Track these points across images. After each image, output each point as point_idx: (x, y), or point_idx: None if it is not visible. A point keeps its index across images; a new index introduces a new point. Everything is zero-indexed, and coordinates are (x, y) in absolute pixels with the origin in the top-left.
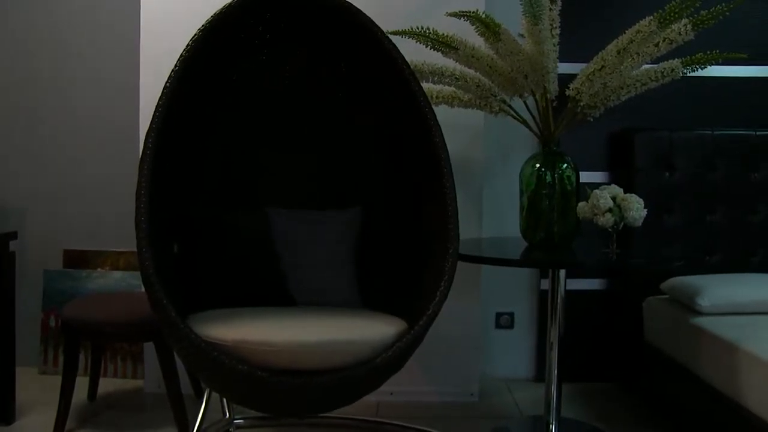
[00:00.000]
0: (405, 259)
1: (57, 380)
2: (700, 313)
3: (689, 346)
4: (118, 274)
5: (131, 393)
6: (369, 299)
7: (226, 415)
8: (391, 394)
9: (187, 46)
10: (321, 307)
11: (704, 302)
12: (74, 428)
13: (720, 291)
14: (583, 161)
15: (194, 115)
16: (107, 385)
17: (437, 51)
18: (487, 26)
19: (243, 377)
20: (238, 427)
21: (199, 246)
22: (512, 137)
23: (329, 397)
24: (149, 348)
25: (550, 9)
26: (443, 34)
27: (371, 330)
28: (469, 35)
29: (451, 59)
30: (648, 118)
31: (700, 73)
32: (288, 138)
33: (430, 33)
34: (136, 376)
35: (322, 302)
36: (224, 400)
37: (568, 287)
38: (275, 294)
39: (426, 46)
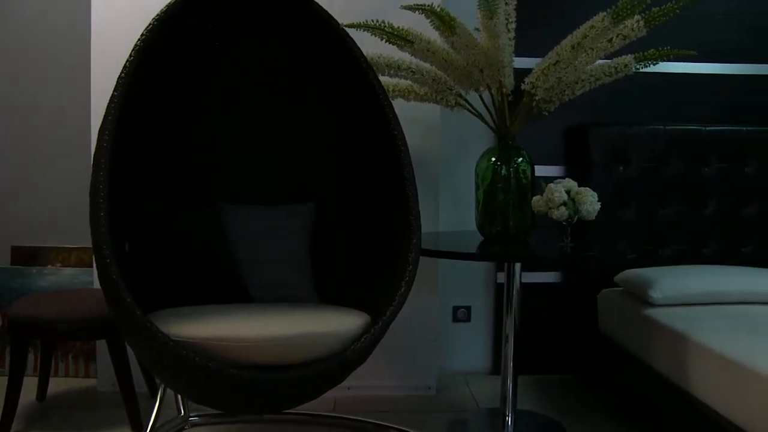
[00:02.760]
0: (364, 253)
1: (3, 381)
2: (652, 305)
3: (642, 337)
4: (69, 270)
5: (83, 392)
6: (326, 294)
7: (181, 412)
8: (349, 388)
9: (141, 36)
10: (279, 302)
11: (656, 294)
12: (21, 430)
13: (672, 283)
14: (539, 155)
15: (147, 108)
16: (58, 384)
17: (393, 44)
18: (442, 20)
19: (212, 375)
20: (193, 424)
21: (152, 244)
22: (469, 131)
23: (299, 392)
24: (102, 346)
25: (506, 3)
26: (399, 28)
27: (338, 322)
28: (426, 29)
29: (407, 53)
30: (603, 113)
31: (654, 69)
32: (243, 132)
33: (385, 26)
34: (89, 374)
35: (279, 298)
36: (179, 397)
37: (524, 280)
38: (231, 291)
39: (381, 40)
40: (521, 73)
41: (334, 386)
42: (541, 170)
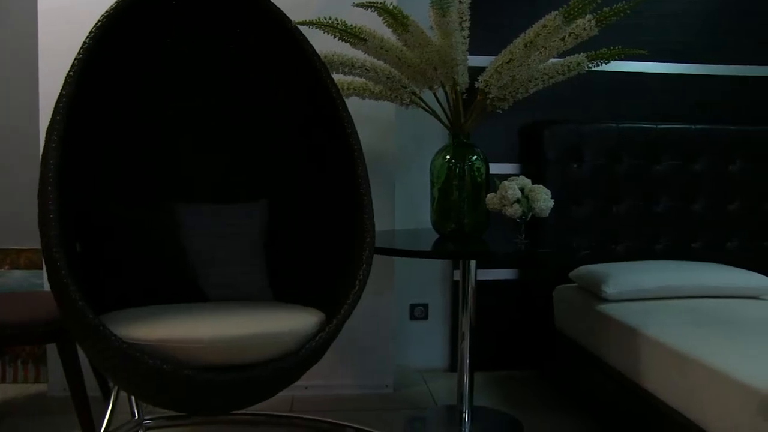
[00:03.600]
0: (318, 251)
1: None
2: (605, 300)
3: (596, 332)
4: (18, 273)
5: (34, 398)
6: (281, 292)
7: (135, 415)
8: (307, 388)
9: (90, 33)
10: (234, 301)
11: (609, 289)
12: None
13: (624, 278)
14: (495, 153)
15: (97, 108)
16: (7, 391)
17: (346, 42)
18: (395, 17)
19: (166, 377)
20: (148, 428)
21: (104, 244)
22: (425, 129)
23: (253, 392)
24: (53, 350)
25: (460, 2)
26: (352, 25)
27: (293, 321)
28: (380, 27)
29: (361, 51)
30: (558, 111)
31: (607, 68)
32: (195, 131)
33: (338, 24)
34: (39, 380)
35: (233, 296)
36: (133, 400)
37: (481, 278)
38: (185, 290)
39: (334, 37)
40: (477, 72)
41: (289, 385)
42: (496, 168)
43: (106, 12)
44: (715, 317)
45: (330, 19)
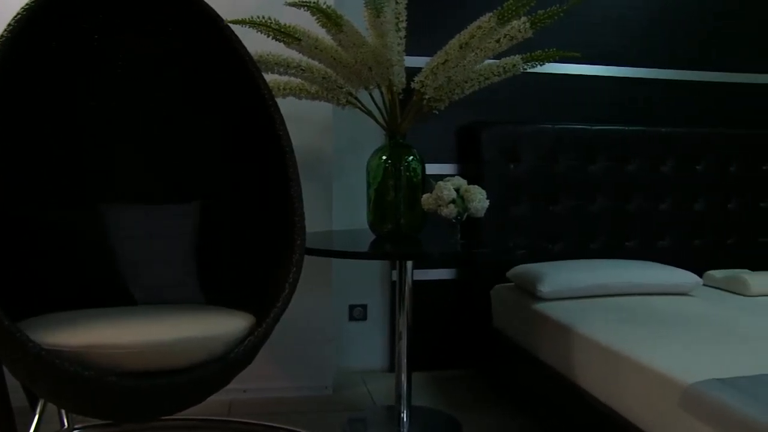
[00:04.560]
0: (250, 254)
1: None
2: (540, 299)
3: (531, 331)
4: None
5: None
6: (212, 295)
7: (63, 425)
8: (244, 391)
9: (8, 26)
10: (163, 305)
11: (545, 288)
12: None
13: (559, 277)
14: (433, 154)
15: (17, 107)
16: None
17: (280, 42)
18: (329, 17)
19: (89, 384)
20: None
21: (25, 248)
22: (363, 130)
23: (181, 397)
24: None
25: (397, 2)
26: (285, 25)
27: (222, 325)
28: (316, 27)
29: (295, 50)
30: (496, 112)
31: (545, 70)
32: (124, 131)
33: (271, 23)
34: None
35: (164, 300)
36: (61, 410)
37: (420, 278)
38: (112, 294)
39: (267, 36)
40: (415, 72)
41: (218, 390)
42: (434, 168)
43: (26, 5)
44: (644, 314)
45: (263, 18)
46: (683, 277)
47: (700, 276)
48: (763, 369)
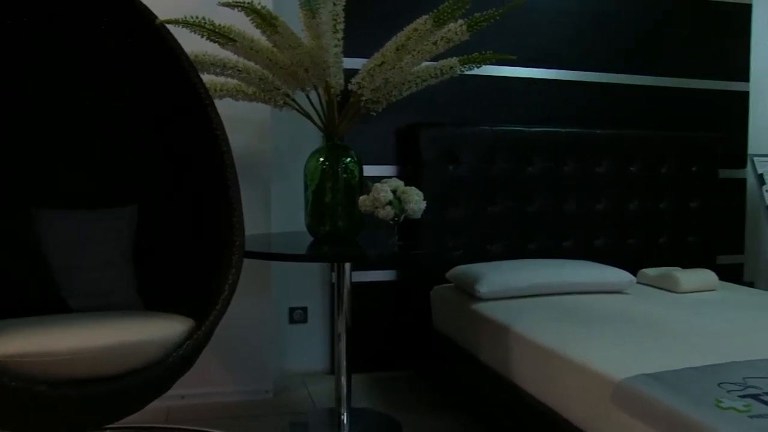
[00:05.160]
0: (189, 256)
1: None
2: (479, 299)
3: (470, 331)
4: None
5: None
6: (151, 300)
7: None
8: (183, 397)
9: None
10: (99, 311)
11: (483, 288)
12: None
13: (497, 277)
14: (373, 155)
15: None
16: None
17: (215, 42)
18: (263, 18)
19: (18, 395)
20: None
21: None
22: (303, 132)
23: (120, 405)
24: None
25: (335, 4)
26: (220, 25)
27: (160, 330)
28: (252, 27)
29: (231, 51)
30: (436, 113)
31: (485, 72)
32: (53, 132)
33: (205, 23)
34: None
35: (100, 306)
36: None
37: (359, 279)
38: (45, 302)
39: (202, 37)
40: (355, 74)
41: (158, 396)
42: (374, 170)
43: None
44: (579, 312)
45: (197, 18)
46: (618, 275)
47: (635, 274)
48: (690, 363)
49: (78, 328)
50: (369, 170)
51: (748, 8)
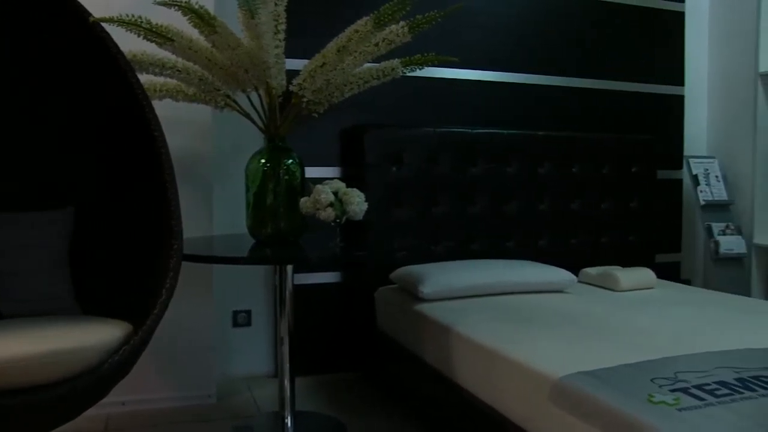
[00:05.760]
0: (126, 260)
1: None
2: (422, 300)
3: (414, 332)
4: None
5: None
6: (89, 305)
7: None
8: (123, 404)
9: None
10: (33, 317)
11: (426, 289)
12: None
13: (440, 278)
14: (317, 157)
15: None
16: None
17: (152, 42)
18: (201, 17)
19: None
20: None
21: None
22: (246, 133)
23: (55, 414)
24: None
25: (276, 4)
26: (157, 24)
27: (95, 335)
28: (192, 27)
29: (169, 51)
30: (381, 115)
31: (428, 74)
32: None
33: (142, 22)
34: None
35: (35, 312)
36: None
37: (304, 282)
38: None
39: (138, 36)
40: (295, 75)
41: (94, 404)
42: (318, 171)
43: None
44: (520, 312)
45: (133, 16)
46: (559, 275)
47: (577, 274)
48: (626, 359)
49: (10, 336)
50: (313, 172)
51: (681, 15)
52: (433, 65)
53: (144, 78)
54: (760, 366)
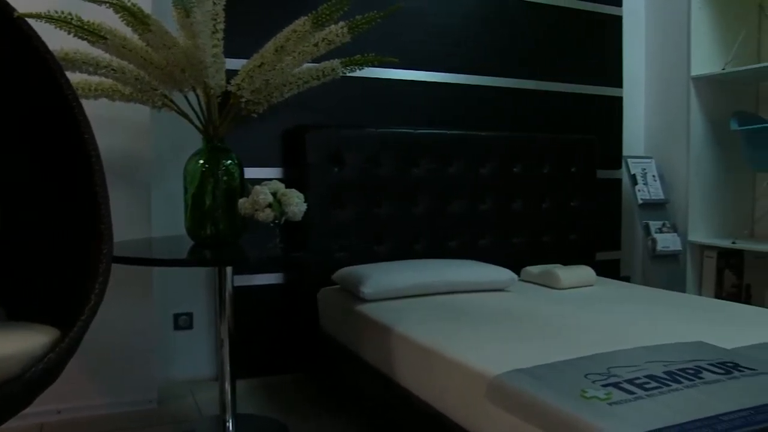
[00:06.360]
0: (55, 264)
1: None
2: (363, 300)
3: (355, 332)
4: None
5: None
6: (15, 310)
7: None
8: (59, 412)
9: None
10: None
11: (367, 289)
12: None
13: (381, 278)
14: (257, 157)
15: None
16: None
17: (83, 40)
18: (134, 15)
19: None
20: None
21: None
22: (185, 133)
23: None
24: None
25: (215, 3)
26: (89, 22)
27: (19, 342)
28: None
29: (103, 50)
30: (322, 116)
31: (370, 75)
32: None
33: (72, 19)
34: None
35: None
36: None
37: (245, 283)
38: None
39: (69, 33)
40: (235, 74)
41: (16, 413)
42: (259, 172)
43: None
44: (460, 311)
45: (63, 13)
46: (500, 274)
47: (519, 272)
48: (562, 356)
49: None
50: (255, 173)
51: (619, 20)
52: (374, 66)
53: (79, 77)
54: (688, 359)
